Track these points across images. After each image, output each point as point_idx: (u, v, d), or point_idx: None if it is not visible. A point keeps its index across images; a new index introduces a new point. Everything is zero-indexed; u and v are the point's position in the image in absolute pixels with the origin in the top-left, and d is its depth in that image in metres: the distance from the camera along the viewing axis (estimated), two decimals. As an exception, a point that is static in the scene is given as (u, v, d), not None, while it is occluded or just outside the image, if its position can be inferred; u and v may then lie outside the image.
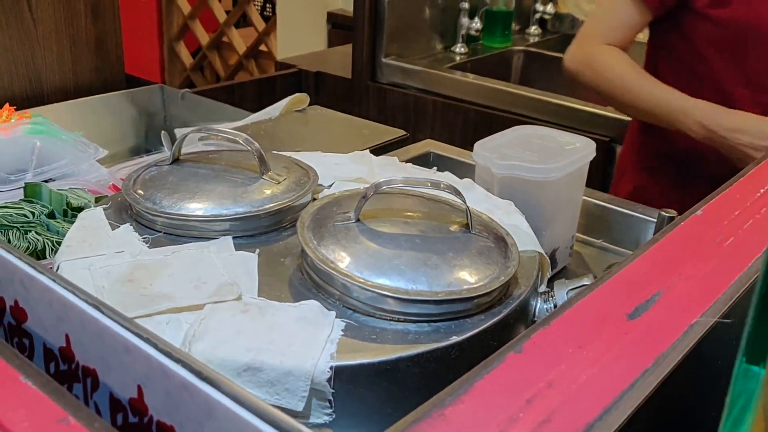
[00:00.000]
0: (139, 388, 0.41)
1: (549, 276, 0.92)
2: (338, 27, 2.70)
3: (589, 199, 1.05)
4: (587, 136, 0.96)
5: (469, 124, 1.83)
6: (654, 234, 1.01)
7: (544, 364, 0.42)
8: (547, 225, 0.91)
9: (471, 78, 1.89)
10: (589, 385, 0.40)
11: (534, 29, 2.44)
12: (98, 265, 0.63)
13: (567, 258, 0.99)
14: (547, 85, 1.87)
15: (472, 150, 1.25)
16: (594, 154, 0.93)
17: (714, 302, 0.49)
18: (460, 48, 2.16)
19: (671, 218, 0.97)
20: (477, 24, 2.17)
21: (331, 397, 0.54)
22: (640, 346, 0.44)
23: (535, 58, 2.24)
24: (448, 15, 2.14)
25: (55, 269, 0.65)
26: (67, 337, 0.45)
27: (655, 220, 1.04)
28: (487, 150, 0.89)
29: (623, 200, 1.08)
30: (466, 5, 2.13)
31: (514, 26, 2.36)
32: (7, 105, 1.21)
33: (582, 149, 0.91)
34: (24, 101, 1.40)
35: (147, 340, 0.40)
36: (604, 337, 0.45)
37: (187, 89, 1.55)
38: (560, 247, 0.95)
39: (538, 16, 2.44)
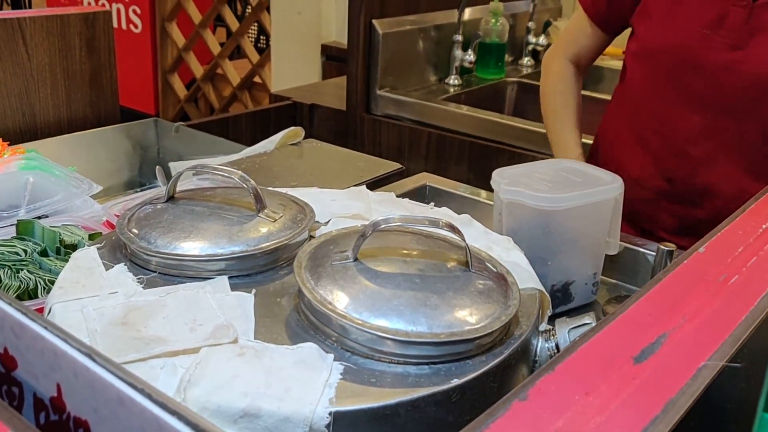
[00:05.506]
0: (133, 441, 0.39)
1: (567, 309, 0.91)
2: (332, 59, 2.71)
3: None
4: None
5: (464, 155, 1.83)
6: (653, 267, 1.01)
7: (550, 412, 0.41)
8: (553, 256, 0.89)
9: (465, 109, 1.90)
10: (598, 435, 0.39)
11: (527, 60, 2.46)
12: (91, 307, 0.61)
13: (590, 295, 0.97)
14: (541, 116, 1.88)
15: (467, 182, 1.25)
16: (620, 190, 0.91)
17: (721, 345, 0.48)
18: (454, 80, 2.16)
19: (670, 252, 0.97)
20: (470, 56, 2.17)
21: (330, 443, 0.52)
22: (648, 392, 0.43)
23: (529, 89, 2.24)
24: (442, 47, 2.15)
25: (47, 311, 0.63)
26: (58, 386, 0.44)
27: (654, 253, 1.03)
28: (503, 177, 0.89)
29: (621, 233, 1.07)
30: (459, 38, 2.14)
31: (507, 57, 2.38)
32: (0, 140, 1.20)
33: (605, 184, 0.90)
34: (17, 135, 1.39)
35: (142, 391, 0.38)
36: (610, 383, 0.43)
37: (181, 122, 1.54)
38: (576, 281, 0.94)
39: (530, 47, 2.46)
